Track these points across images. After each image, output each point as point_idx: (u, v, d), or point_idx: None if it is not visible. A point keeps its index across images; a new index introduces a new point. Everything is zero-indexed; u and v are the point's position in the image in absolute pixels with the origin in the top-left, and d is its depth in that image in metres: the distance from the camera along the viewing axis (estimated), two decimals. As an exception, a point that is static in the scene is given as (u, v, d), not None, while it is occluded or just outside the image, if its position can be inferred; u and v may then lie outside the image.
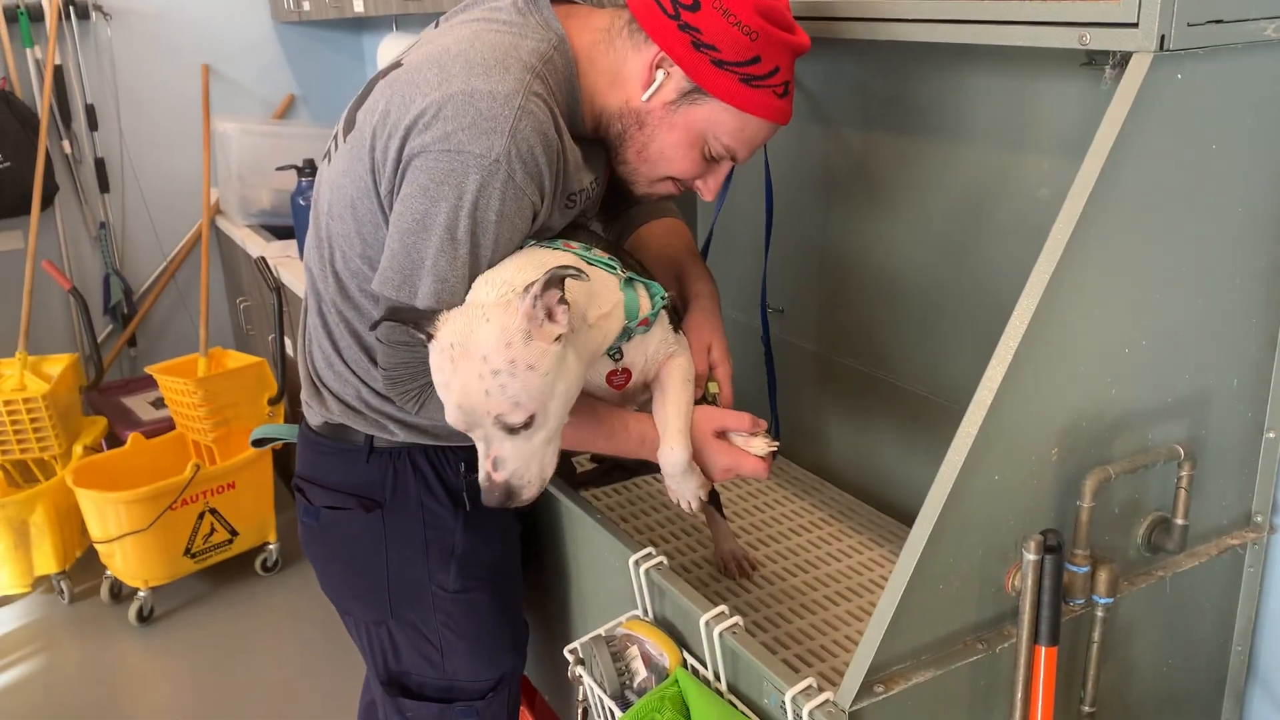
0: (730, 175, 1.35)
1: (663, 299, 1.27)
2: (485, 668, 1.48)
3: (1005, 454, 1.03)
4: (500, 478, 1.16)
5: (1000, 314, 1.01)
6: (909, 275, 1.60)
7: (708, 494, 1.31)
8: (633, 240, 1.51)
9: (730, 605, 1.24)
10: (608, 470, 1.80)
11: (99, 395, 3.56)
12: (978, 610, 1.09)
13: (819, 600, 1.49)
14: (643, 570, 1.26)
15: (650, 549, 1.28)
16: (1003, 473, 1.04)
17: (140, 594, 2.95)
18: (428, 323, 1.14)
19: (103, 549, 2.93)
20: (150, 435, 3.16)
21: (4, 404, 2.97)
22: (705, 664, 1.18)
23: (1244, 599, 1.32)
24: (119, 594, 3.08)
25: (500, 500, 1.16)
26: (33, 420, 3.01)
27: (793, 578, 1.54)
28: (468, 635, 1.45)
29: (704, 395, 1.36)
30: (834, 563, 1.58)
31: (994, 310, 1.39)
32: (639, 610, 1.30)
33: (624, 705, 1.22)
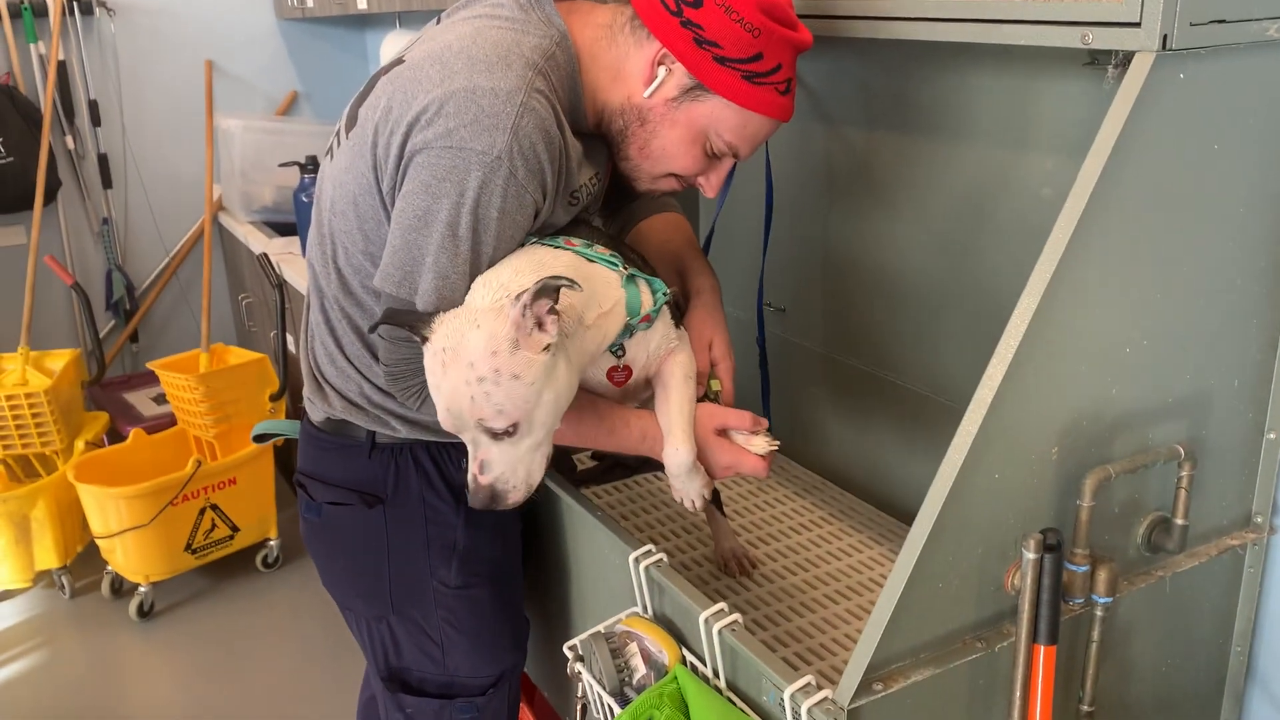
0: (733, 172, 1.35)
1: (665, 295, 1.27)
2: (486, 664, 1.48)
3: (1005, 453, 1.03)
4: (486, 480, 1.16)
5: (1002, 313, 1.01)
6: (910, 274, 1.60)
7: (711, 493, 1.31)
8: (633, 235, 1.51)
9: (730, 603, 1.24)
10: (608, 468, 1.80)
11: (101, 390, 3.56)
12: (977, 609, 1.09)
13: (819, 598, 1.49)
14: (642, 567, 1.26)
15: (650, 546, 1.28)
16: (1003, 471, 1.04)
17: (141, 589, 2.96)
18: (424, 325, 1.14)
19: (104, 544, 2.94)
20: (152, 431, 3.17)
21: (6, 399, 2.98)
22: (704, 661, 1.18)
23: (1243, 599, 1.32)
24: (120, 589, 3.09)
25: (485, 502, 1.17)
26: (34, 415, 3.01)
27: (792, 576, 1.54)
28: (469, 631, 1.45)
29: (706, 392, 1.36)
30: (834, 561, 1.58)
31: (995, 310, 1.39)
32: (638, 607, 1.30)
33: (623, 702, 1.22)
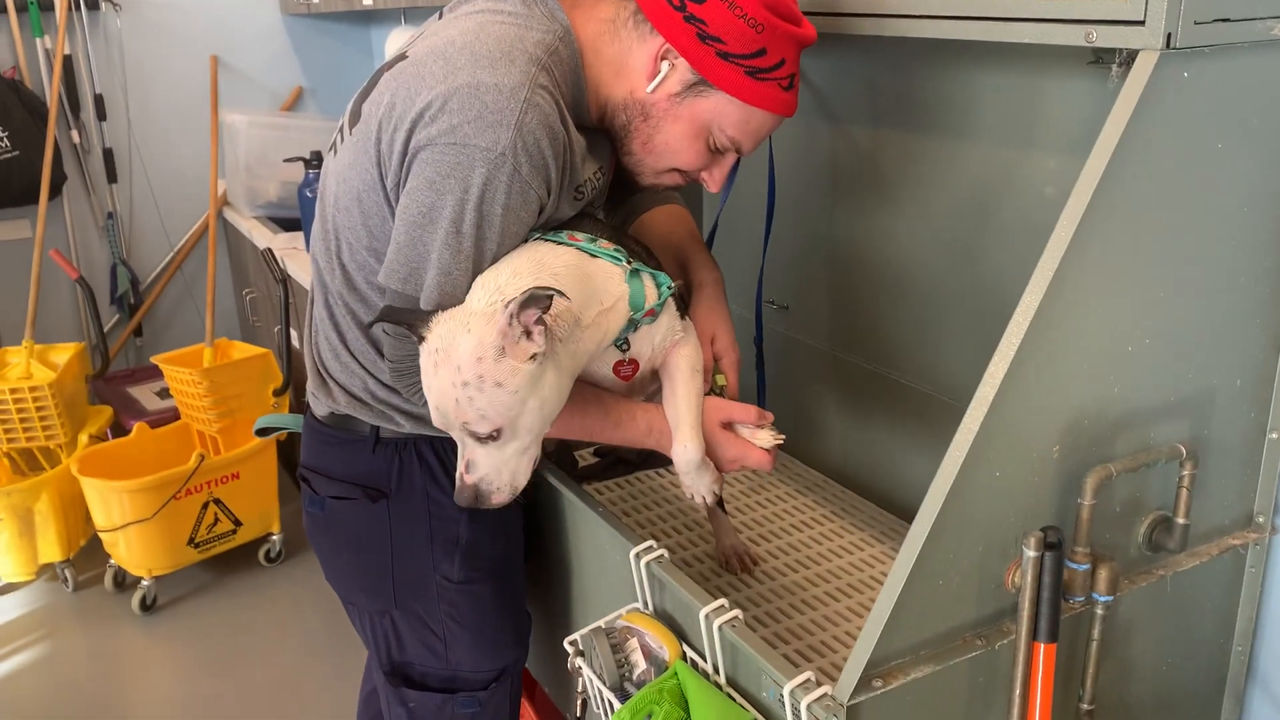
0: (736, 166, 1.35)
1: (669, 289, 1.27)
2: (488, 658, 1.48)
3: (1007, 450, 1.03)
4: (470, 480, 1.18)
5: (1005, 312, 1.01)
6: (914, 272, 1.59)
7: (721, 488, 1.32)
8: (636, 227, 1.50)
9: (730, 599, 1.24)
10: (610, 464, 1.80)
11: (105, 384, 3.57)
12: (977, 606, 1.09)
13: (820, 596, 1.49)
14: (643, 563, 1.27)
15: (651, 542, 1.28)
16: (1004, 469, 1.04)
17: (144, 583, 2.96)
18: (421, 324, 1.15)
19: (107, 538, 2.94)
20: (155, 425, 3.17)
21: (10, 392, 2.98)
22: (704, 657, 1.18)
23: (1245, 599, 1.32)
24: (122, 583, 3.09)
25: (469, 501, 1.18)
26: (39, 408, 3.02)
27: (794, 573, 1.54)
28: (471, 626, 1.45)
29: (711, 387, 1.36)
30: (835, 559, 1.58)
31: (998, 308, 1.39)
32: (639, 603, 1.30)
33: (623, 697, 1.22)
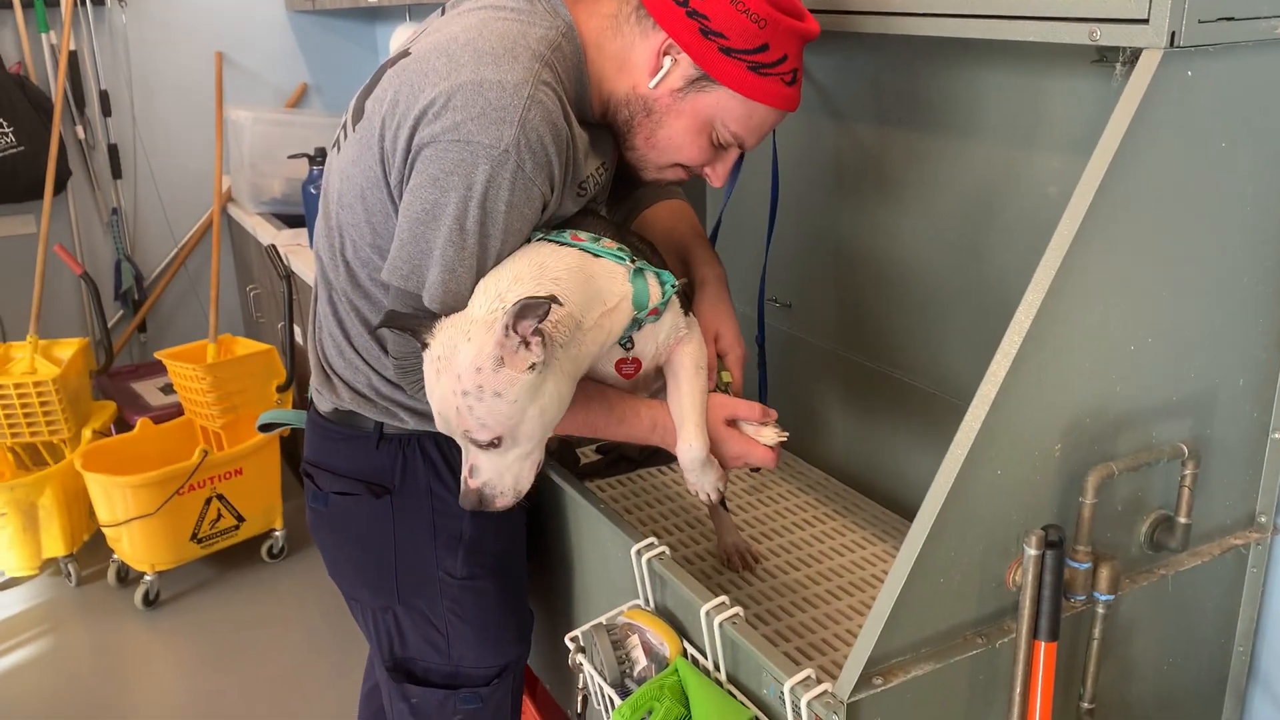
0: (740, 161, 1.34)
1: (673, 287, 1.27)
2: (491, 655, 1.48)
3: (1008, 448, 1.03)
4: (474, 484, 1.19)
5: (1008, 311, 1.01)
6: (917, 271, 1.59)
7: (726, 485, 1.32)
8: (638, 222, 1.50)
9: (732, 597, 1.24)
10: (612, 461, 1.80)
11: (108, 380, 3.58)
12: (978, 605, 1.09)
13: (821, 594, 1.49)
14: (645, 560, 1.27)
15: (652, 539, 1.28)
16: (1005, 467, 1.04)
17: (147, 578, 2.97)
18: (425, 330, 1.15)
19: (110, 533, 2.95)
20: (159, 420, 3.18)
21: (14, 387, 2.99)
22: (705, 654, 1.19)
23: (1246, 599, 1.32)
24: (126, 578, 3.10)
25: (474, 505, 1.19)
26: (42, 404, 3.02)
27: (795, 571, 1.54)
28: (474, 622, 1.46)
29: (716, 384, 1.36)
30: (837, 557, 1.58)
31: (1002, 307, 1.39)
32: (640, 600, 1.30)
33: (624, 693, 1.23)
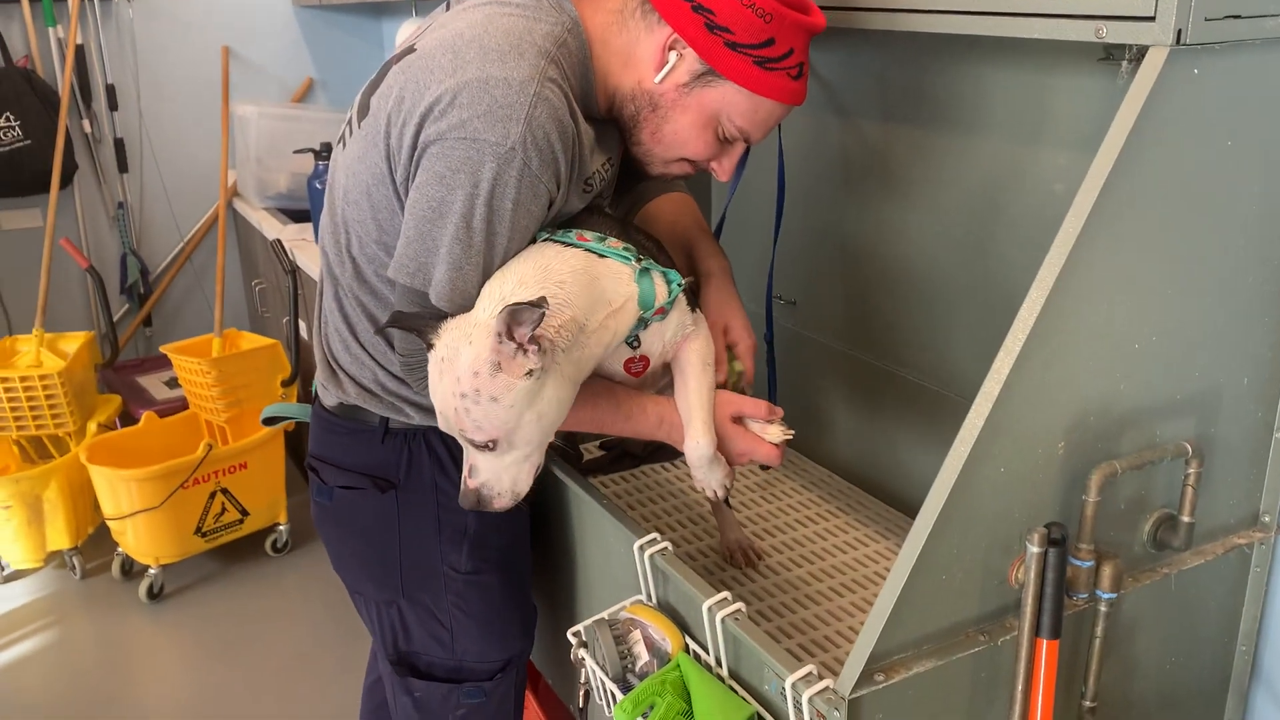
0: (746, 155, 1.34)
1: (680, 285, 1.26)
2: (494, 649, 1.49)
3: (1011, 446, 1.03)
4: (473, 485, 1.19)
5: (1013, 309, 1.01)
6: (923, 268, 1.59)
7: (733, 483, 1.32)
8: (640, 216, 1.50)
9: (734, 593, 1.24)
10: (616, 458, 1.80)
11: (114, 373, 3.58)
12: (980, 602, 1.09)
13: (823, 591, 1.49)
14: (647, 555, 1.27)
15: (655, 535, 1.28)
16: (1008, 465, 1.04)
17: (151, 571, 2.98)
18: (431, 330, 1.16)
19: (114, 526, 2.96)
20: (163, 414, 3.18)
21: (20, 380, 3.00)
22: (707, 649, 1.19)
23: (1249, 599, 1.32)
24: (130, 571, 3.11)
25: (472, 505, 1.20)
26: (48, 397, 3.03)
27: (798, 568, 1.55)
28: (478, 616, 1.46)
29: (728, 375, 1.36)
30: (840, 555, 1.58)
31: (1007, 306, 1.38)
32: (642, 595, 1.31)
33: (625, 688, 1.23)
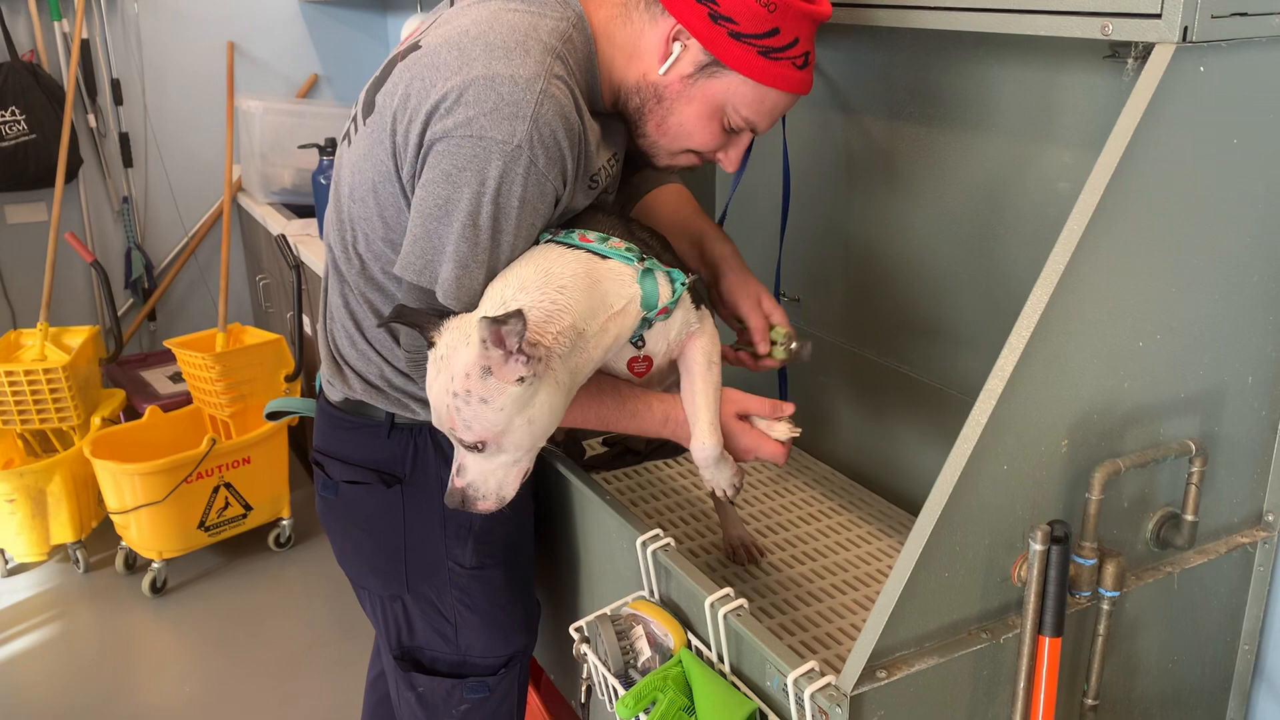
0: (750, 145, 1.34)
1: (683, 284, 1.26)
2: (498, 644, 1.49)
3: (1015, 443, 1.03)
4: (459, 484, 1.19)
5: (1018, 306, 1.01)
6: (927, 266, 1.59)
7: (742, 481, 1.32)
8: (639, 208, 1.49)
9: (736, 590, 1.24)
10: (618, 454, 1.80)
11: (118, 368, 3.59)
12: (983, 599, 1.09)
13: (826, 589, 1.49)
14: (650, 552, 1.27)
15: (658, 531, 1.28)
16: (1012, 462, 1.04)
17: (154, 565, 2.98)
18: (432, 327, 1.16)
19: (118, 520, 2.96)
20: (168, 409, 3.19)
21: (25, 374, 3.00)
22: (709, 645, 1.19)
23: (1252, 598, 1.32)
24: (133, 565, 3.11)
25: (457, 504, 1.20)
26: (52, 391, 3.03)
27: (800, 565, 1.55)
28: (482, 611, 1.46)
29: (773, 342, 1.37)
30: (842, 552, 1.58)
31: (1011, 304, 1.38)
32: (645, 591, 1.31)
33: (627, 684, 1.23)
